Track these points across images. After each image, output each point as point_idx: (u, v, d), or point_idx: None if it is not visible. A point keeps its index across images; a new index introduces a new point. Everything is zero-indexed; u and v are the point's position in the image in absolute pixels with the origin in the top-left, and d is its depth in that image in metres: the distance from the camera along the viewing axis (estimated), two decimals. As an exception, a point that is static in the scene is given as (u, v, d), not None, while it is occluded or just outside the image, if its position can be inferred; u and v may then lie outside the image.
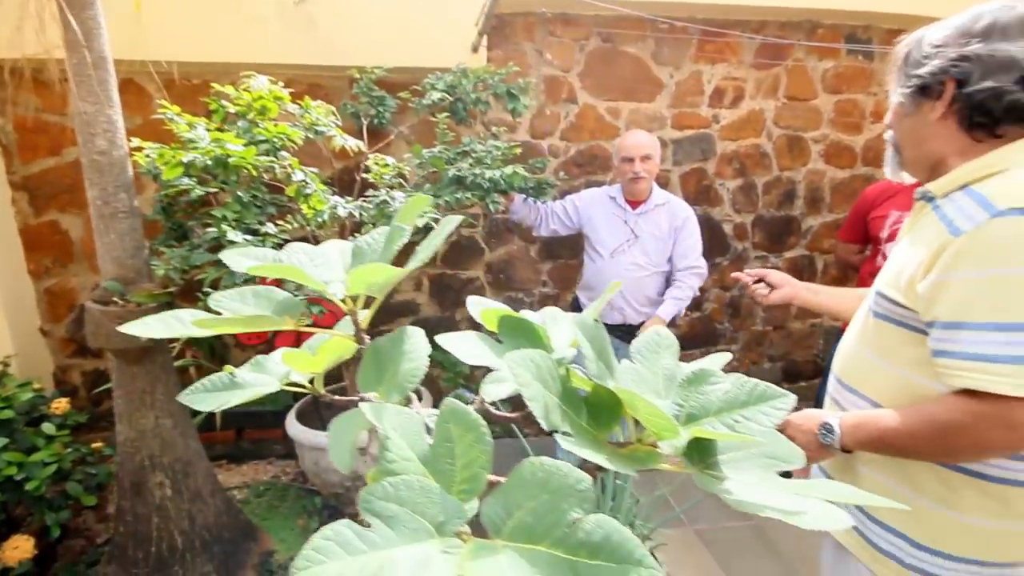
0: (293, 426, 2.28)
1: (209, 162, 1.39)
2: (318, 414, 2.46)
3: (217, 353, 2.67)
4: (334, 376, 2.43)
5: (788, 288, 1.25)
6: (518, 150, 2.11)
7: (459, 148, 2.04)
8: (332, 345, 0.59)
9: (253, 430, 2.82)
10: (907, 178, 0.99)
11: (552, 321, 0.55)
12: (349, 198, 1.66)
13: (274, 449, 2.86)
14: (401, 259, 0.48)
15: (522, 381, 0.40)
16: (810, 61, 2.84)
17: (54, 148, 2.42)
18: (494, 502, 0.38)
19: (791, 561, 2.12)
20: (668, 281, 2.42)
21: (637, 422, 0.50)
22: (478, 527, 0.38)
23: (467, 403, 0.54)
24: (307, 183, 1.52)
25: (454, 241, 2.80)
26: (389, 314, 2.79)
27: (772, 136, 2.93)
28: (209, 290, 1.55)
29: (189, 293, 2.00)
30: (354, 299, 0.56)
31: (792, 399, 0.49)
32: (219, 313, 0.55)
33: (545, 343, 0.50)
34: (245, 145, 1.46)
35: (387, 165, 1.74)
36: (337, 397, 0.71)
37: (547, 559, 0.34)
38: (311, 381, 0.64)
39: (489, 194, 1.99)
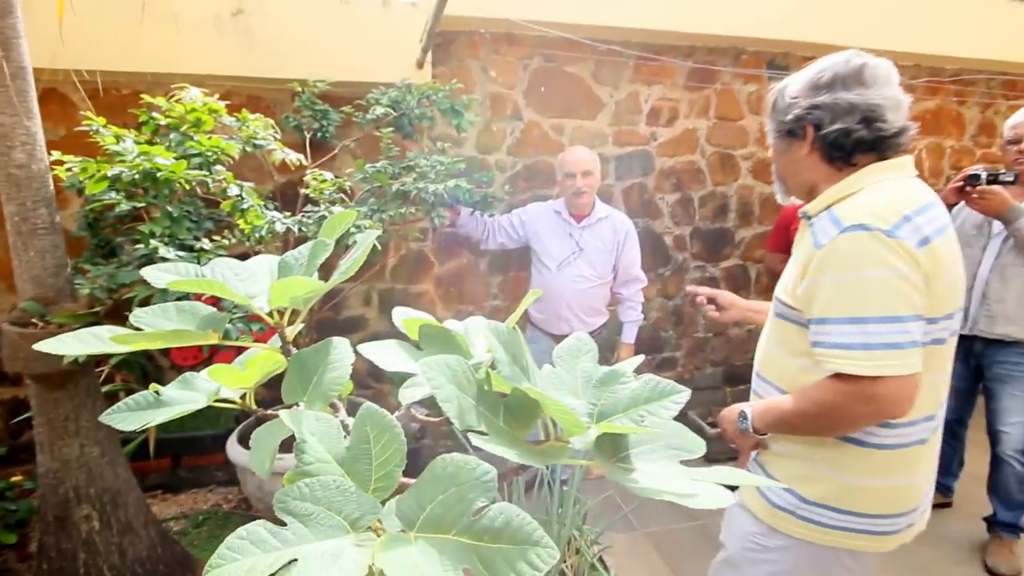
0: (234, 449, 2.20)
1: (137, 176, 1.35)
2: (262, 435, 2.38)
3: (151, 376, 2.53)
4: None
5: (735, 311, 1.40)
6: (462, 165, 2.15)
7: (403, 163, 2.06)
8: (261, 359, 0.60)
9: (191, 456, 2.68)
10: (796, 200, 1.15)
11: (473, 330, 0.58)
12: (288, 213, 1.64)
13: (215, 476, 2.72)
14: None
15: (435, 384, 0.43)
16: (736, 84, 3.05)
17: (-35, 161, 2.26)
18: (408, 498, 0.40)
19: (732, 556, 2.21)
20: (611, 291, 2.51)
21: (554, 421, 0.54)
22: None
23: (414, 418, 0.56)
24: (243, 198, 1.49)
25: (403, 255, 2.79)
26: (338, 330, 2.74)
27: (705, 153, 3.11)
28: (139, 310, 1.49)
29: (117, 313, 1.90)
30: (281, 313, 0.57)
31: (687, 393, 0.54)
32: (140, 329, 0.55)
33: (464, 349, 0.53)
34: (176, 159, 1.43)
35: (325, 180, 1.73)
36: (270, 412, 0.72)
37: (454, 546, 0.37)
38: (243, 397, 0.65)
39: (434, 208, 2.02)
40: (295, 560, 0.33)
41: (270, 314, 0.56)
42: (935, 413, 1.04)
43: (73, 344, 0.50)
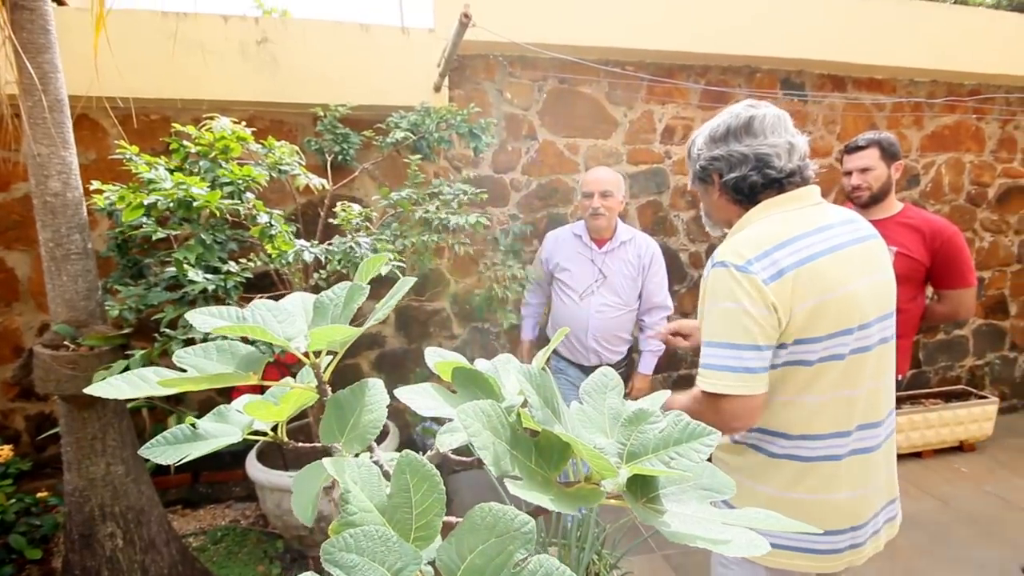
0: (253, 467, 2.22)
1: (171, 204, 1.39)
2: (280, 453, 2.40)
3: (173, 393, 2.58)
4: (298, 414, 2.39)
5: (696, 335, 1.44)
6: (485, 196, 2.18)
7: (428, 190, 2.09)
8: (294, 396, 0.61)
9: (210, 472, 2.72)
10: None
11: (504, 369, 0.59)
12: (315, 241, 1.68)
13: (233, 491, 2.75)
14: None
15: (472, 432, 0.44)
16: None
17: (1, 184, 2.35)
18: (448, 547, 0.41)
19: (753, 581, 2.17)
20: (637, 318, 2.39)
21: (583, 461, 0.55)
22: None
23: (434, 435, 0.57)
24: (272, 224, 1.53)
25: (421, 273, 2.82)
26: (355, 347, 2.78)
27: (721, 170, 3.11)
28: (168, 331, 1.53)
29: (145, 332, 1.95)
30: (317, 353, 0.59)
31: (717, 435, 0.55)
32: (184, 370, 0.57)
33: (496, 392, 0.54)
34: (209, 187, 1.47)
35: (352, 211, 1.77)
36: (300, 444, 0.73)
37: (495, 598, 0.37)
38: (274, 429, 0.66)
39: (455, 236, 2.04)
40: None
41: (306, 354, 0.57)
42: (848, 430, 1.06)
43: (123, 387, 0.52)
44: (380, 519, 0.41)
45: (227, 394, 2.78)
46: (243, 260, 1.69)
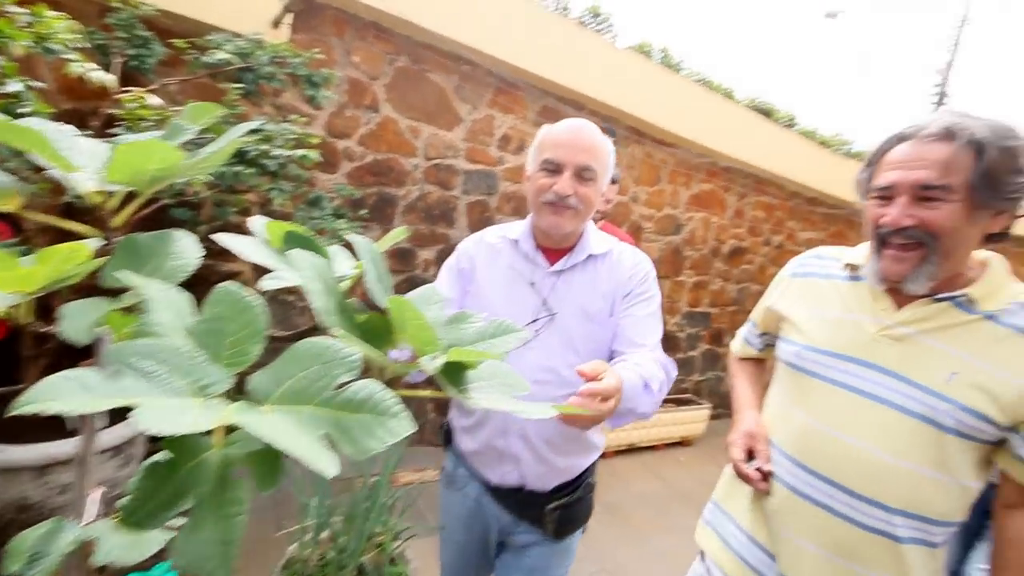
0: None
1: None
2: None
3: None
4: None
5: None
6: (316, 139, 2.03)
7: (247, 123, 1.87)
8: (60, 254, 0.50)
9: None
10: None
11: (335, 254, 0.58)
12: (89, 131, 1.35)
13: None
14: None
15: (305, 274, 0.44)
16: (575, 133, 3.48)
17: None
18: (263, 375, 0.39)
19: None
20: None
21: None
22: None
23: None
24: (25, 100, 1.18)
25: (220, 226, 2.48)
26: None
27: (543, 186, 3.45)
28: None
29: None
30: (108, 196, 0.50)
31: (526, 332, 0.63)
32: None
33: (329, 259, 0.53)
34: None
35: (147, 106, 1.47)
36: (49, 330, 0.61)
37: (311, 415, 0.37)
38: (16, 308, 0.53)
39: (276, 179, 1.86)
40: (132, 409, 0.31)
41: (96, 193, 0.48)
42: None
43: None
44: (186, 341, 0.37)
45: None
46: (-34, 145, 1.28)
